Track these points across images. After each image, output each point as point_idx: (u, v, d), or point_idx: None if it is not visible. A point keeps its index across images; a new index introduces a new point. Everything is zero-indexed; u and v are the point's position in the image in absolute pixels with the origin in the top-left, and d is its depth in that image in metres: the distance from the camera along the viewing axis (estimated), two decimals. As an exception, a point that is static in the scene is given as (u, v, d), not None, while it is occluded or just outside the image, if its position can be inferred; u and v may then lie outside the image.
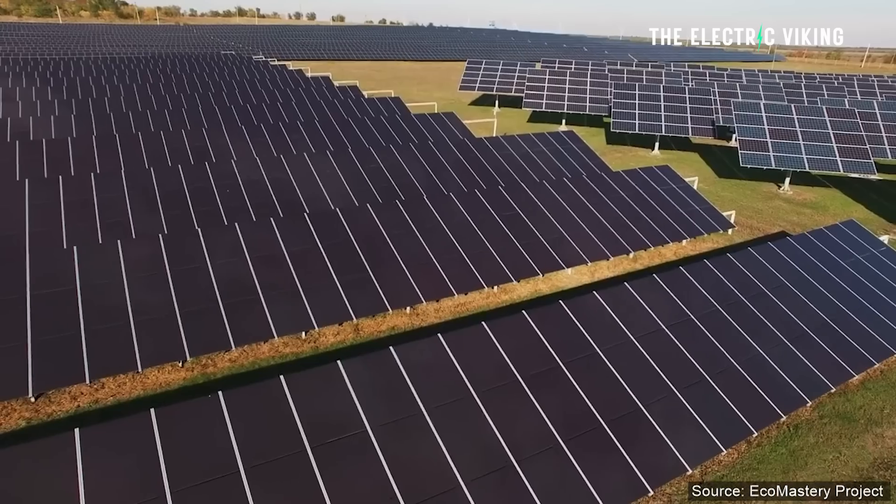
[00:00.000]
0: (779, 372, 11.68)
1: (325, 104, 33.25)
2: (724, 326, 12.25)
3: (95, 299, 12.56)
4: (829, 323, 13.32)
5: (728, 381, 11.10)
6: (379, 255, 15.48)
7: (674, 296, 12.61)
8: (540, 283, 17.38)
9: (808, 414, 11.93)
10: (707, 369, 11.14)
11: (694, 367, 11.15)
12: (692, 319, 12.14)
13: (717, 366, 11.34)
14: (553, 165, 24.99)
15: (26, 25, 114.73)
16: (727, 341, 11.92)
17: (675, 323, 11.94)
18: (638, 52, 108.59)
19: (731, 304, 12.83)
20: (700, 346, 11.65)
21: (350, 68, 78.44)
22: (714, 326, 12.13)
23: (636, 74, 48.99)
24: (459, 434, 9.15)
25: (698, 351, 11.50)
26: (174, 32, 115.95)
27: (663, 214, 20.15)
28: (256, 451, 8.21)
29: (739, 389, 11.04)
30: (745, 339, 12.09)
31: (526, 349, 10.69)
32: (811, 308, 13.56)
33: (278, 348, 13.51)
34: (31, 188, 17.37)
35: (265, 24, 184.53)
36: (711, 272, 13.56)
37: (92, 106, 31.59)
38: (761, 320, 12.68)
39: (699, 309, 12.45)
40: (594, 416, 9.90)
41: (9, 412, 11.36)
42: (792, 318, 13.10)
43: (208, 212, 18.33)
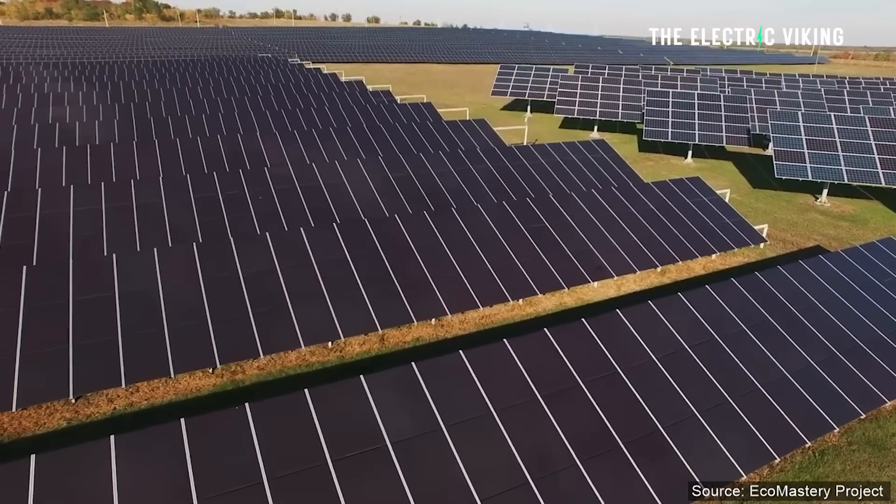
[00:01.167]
0: (805, 396, 11.51)
1: (358, 109, 33.70)
2: (749, 347, 12.11)
3: (132, 305, 13.08)
4: (861, 346, 13.04)
5: (751, 403, 10.99)
6: (405, 266, 15.71)
7: (698, 315, 12.52)
8: (565, 296, 17.39)
9: (835, 440, 11.73)
10: (730, 391, 11.05)
11: (716, 388, 11.07)
12: (716, 340, 12.04)
13: (740, 388, 11.23)
14: (583, 175, 24.90)
15: (75, 29, 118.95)
16: (752, 363, 11.79)
17: (698, 343, 11.86)
18: (674, 55, 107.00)
19: (757, 324, 12.68)
20: (723, 367, 11.55)
21: (384, 71, 79.15)
22: (739, 347, 12.00)
23: (670, 81, 48.35)
24: (478, 451, 9.29)
25: (721, 372, 11.41)
26: (213, 35, 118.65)
27: (693, 227, 19.93)
28: (280, 462, 8.49)
29: (763, 413, 10.91)
30: (770, 361, 11.93)
31: (546, 367, 10.77)
32: (842, 330, 13.29)
33: (305, 357, 13.85)
34: (76, 194, 18.11)
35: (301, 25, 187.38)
36: (738, 291, 13.40)
37: (134, 110, 32.70)
38: (789, 342, 12.50)
39: (724, 329, 12.33)
40: (612, 437, 9.92)
41: (51, 412, 11.94)
42: (821, 340, 12.87)
43: (240, 218, 18.83)
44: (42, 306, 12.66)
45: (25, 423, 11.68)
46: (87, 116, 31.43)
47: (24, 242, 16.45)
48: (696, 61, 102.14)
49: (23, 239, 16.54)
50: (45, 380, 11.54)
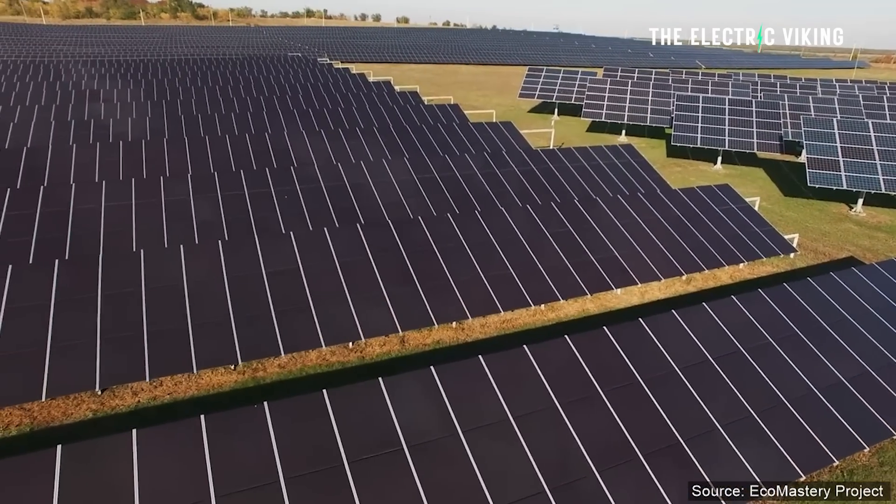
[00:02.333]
0: (834, 413, 11.19)
1: (385, 110, 33.85)
2: (776, 361, 11.83)
3: (158, 301, 13.31)
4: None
5: (776, 419, 10.73)
6: (428, 268, 15.71)
7: (723, 326, 12.27)
8: (588, 302, 17.22)
9: (865, 459, 11.39)
10: (754, 406, 10.80)
11: (740, 402, 10.83)
12: (741, 352, 11.78)
13: (765, 402, 10.97)
14: (609, 180, 24.64)
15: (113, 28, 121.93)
16: (778, 377, 11.50)
17: (722, 355, 11.62)
18: (706, 59, 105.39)
19: (785, 337, 12.37)
20: (748, 380, 11.29)
21: (412, 72, 79.42)
22: (765, 360, 11.73)
23: (701, 85, 47.60)
24: (495, 457, 9.23)
25: (746, 385, 11.16)
26: (245, 34, 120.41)
27: (720, 236, 19.56)
28: (297, 461, 8.53)
29: (788, 429, 10.64)
30: (798, 375, 11.64)
31: (566, 374, 10.66)
32: (875, 346, 12.89)
33: (326, 357, 13.94)
34: (108, 189, 18.51)
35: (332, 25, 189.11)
36: (766, 302, 13.10)
37: (165, 107, 33.32)
38: (818, 357, 12.17)
39: (750, 341, 12.06)
40: (631, 448, 9.78)
41: (78, 403, 12.22)
42: (853, 356, 12.50)
43: (266, 216, 19.04)
44: (72, 299, 12.96)
45: (54, 412, 11.97)
46: (120, 113, 32.14)
47: (57, 236, 16.87)
48: (728, 65, 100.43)
49: (56, 233, 16.96)
50: (73, 371, 11.81)
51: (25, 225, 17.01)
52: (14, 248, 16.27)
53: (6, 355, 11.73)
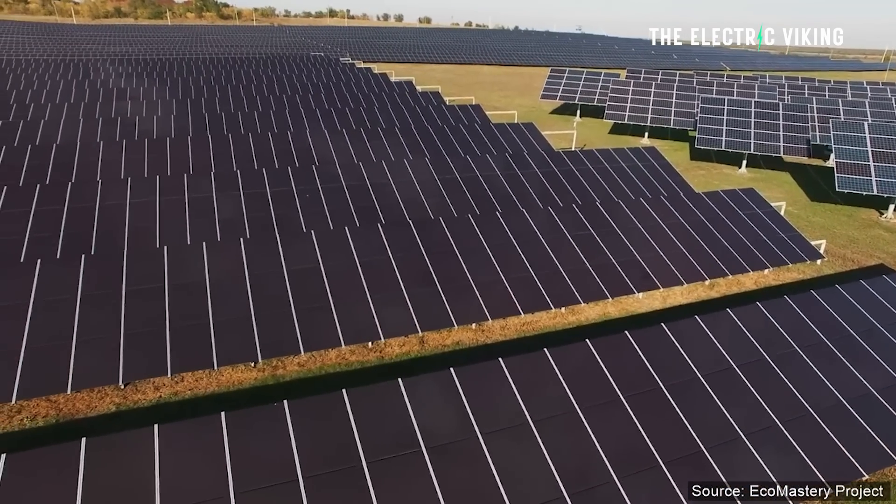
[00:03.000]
0: (863, 424, 10.92)
1: (407, 110, 33.90)
2: (802, 370, 11.58)
3: (180, 297, 13.46)
4: (925, 373, 12.29)
5: (803, 429, 10.50)
6: (448, 269, 15.67)
7: (748, 332, 12.05)
8: (609, 306, 17.04)
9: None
10: (779, 415, 10.58)
11: (765, 411, 10.62)
12: (766, 359, 11.55)
13: (791, 412, 10.74)
14: (631, 183, 24.38)
15: (140, 27, 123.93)
16: (805, 386, 11.26)
17: (746, 362, 11.41)
18: (731, 61, 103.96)
19: (811, 345, 12.11)
20: (773, 389, 11.07)
21: (433, 72, 79.47)
22: (791, 369, 11.49)
23: (726, 87, 46.92)
24: (514, 461, 9.16)
25: (771, 394, 10.94)
26: (268, 33, 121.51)
27: (745, 240, 19.23)
28: (315, 460, 8.55)
29: (815, 440, 10.41)
30: (825, 385, 11.38)
31: (587, 378, 10.54)
32: (905, 356, 12.56)
33: (345, 356, 13.97)
34: (133, 186, 18.77)
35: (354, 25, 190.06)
36: (792, 309, 12.84)
37: (190, 105, 33.72)
38: (846, 366, 11.89)
39: (775, 348, 11.82)
40: (652, 455, 9.63)
41: (102, 397, 12.40)
42: (883, 366, 12.19)
43: (287, 215, 19.16)
44: (97, 294, 13.16)
45: (79, 405, 12.16)
46: (146, 111, 32.60)
47: (83, 232, 17.15)
48: (754, 67, 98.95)
49: (83, 228, 17.24)
50: (98, 365, 11.98)
51: (54, 220, 17.32)
52: (42, 243, 16.58)
53: (34, 348, 11.95)
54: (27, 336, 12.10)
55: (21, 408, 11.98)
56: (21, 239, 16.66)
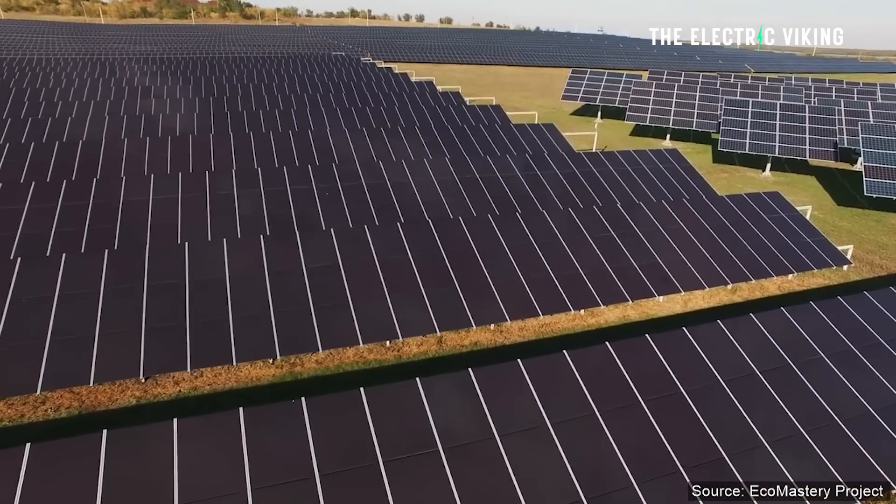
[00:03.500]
0: (892, 435, 10.64)
1: (427, 110, 33.91)
2: (828, 377, 11.32)
3: (201, 293, 13.57)
4: (956, 384, 11.95)
5: (827, 439, 10.26)
6: (467, 269, 15.61)
7: (771, 338, 11.82)
8: (629, 308, 16.86)
9: None
10: (804, 423, 10.35)
11: (789, 419, 10.40)
12: (790, 366, 11.32)
13: (816, 420, 10.50)
14: (653, 185, 24.11)
15: (165, 27, 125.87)
16: (831, 395, 11.01)
17: (770, 368, 11.19)
18: (756, 63, 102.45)
19: (838, 353, 11.83)
20: (798, 396, 10.84)
21: (454, 72, 79.47)
22: (816, 376, 11.24)
23: (750, 89, 46.22)
24: (531, 463, 9.08)
25: (795, 402, 10.71)
26: (290, 33, 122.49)
27: (768, 245, 18.90)
28: (332, 458, 8.54)
29: (840, 451, 10.16)
30: (852, 394, 11.11)
31: (606, 381, 10.42)
32: (935, 365, 12.23)
33: (363, 354, 13.99)
34: (156, 183, 19.00)
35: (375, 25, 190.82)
36: (817, 315, 12.57)
37: (212, 104, 34.07)
38: (874, 375, 11.60)
39: (800, 355, 11.58)
40: (672, 461, 9.48)
41: (123, 390, 12.56)
42: (910, 374, 11.88)
43: (307, 212, 19.25)
44: (119, 288, 13.33)
45: (101, 397, 12.34)
46: (170, 109, 33.00)
47: (107, 227, 17.39)
48: (779, 69, 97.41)
49: (107, 223, 17.49)
50: (119, 359, 12.12)
51: (79, 215, 17.60)
52: (68, 238, 16.85)
53: (59, 340, 12.12)
54: (52, 329, 12.29)
55: (46, 398, 12.20)
56: (48, 233, 16.95)
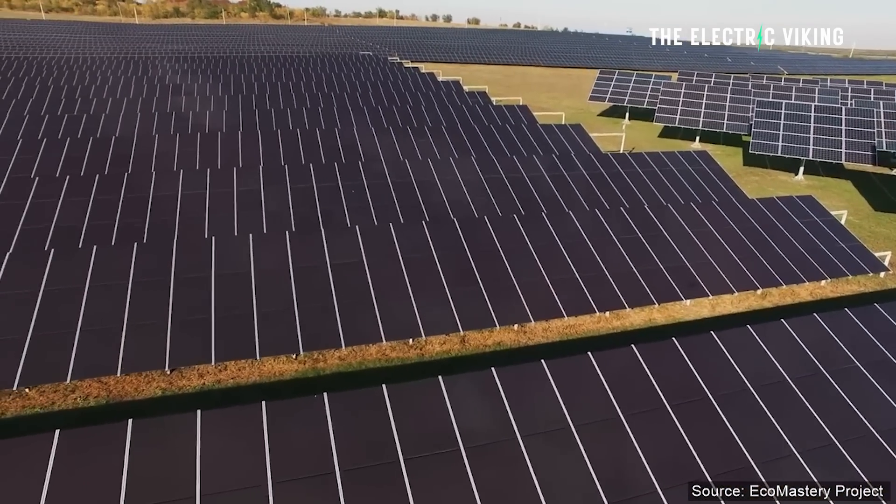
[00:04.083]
0: (927, 447, 10.26)
1: (454, 109, 33.87)
2: (863, 387, 10.95)
3: (226, 288, 13.70)
4: None
5: (863, 450, 9.92)
6: (491, 268, 15.51)
7: (803, 345, 11.49)
8: (655, 312, 16.59)
9: None
10: (837, 434, 10.03)
11: (821, 428, 10.09)
12: (823, 374, 10.99)
13: (850, 431, 10.17)
14: (681, 187, 23.71)
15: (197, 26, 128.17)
16: (866, 405, 10.64)
17: (802, 376, 10.87)
18: (788, 64, 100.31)
19: (874, 362, 11.45)
20: (831, 405, 10.51)
21: (481, 72, 79.31)
22: (850, 386, 10.89)
23: (784, 91, 45.23)
24: (553, 466, 8.95)
25: (828, 411, 10.39)
26: (319, 33, 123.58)
27: (801, 250, 18.42)
28: (353, 455, 8.52)
29: (878, 462, 9.82)
30: (889, 404, 10.73)
31: (631, 385, 10.23)
32: (976, 376, 11.76)
33: (385, 352, 13.99)
34: (184, 178, 19.27)
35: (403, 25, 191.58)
36: (852, 323, 12.18)
37: (241, 101, 34.52)
38: (911, 384, 11.20)
39: (834, 363, 11.23)
40: (698, 467, 9.26)
41: (149, 381, 12.74)
42: (950, 385, 11.44)
43: (333, 210, 19.33)
44: (147, 281, 13.52)
45: (127, 387, 12.54)
46: (200, 106, 33.51)
47: (137, 221, 17.69)
48: (814, 71, 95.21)
49: (136, 217, 17.79)
50: (146, 350, 12.30)
51: (110, 209, 17.93)
52: (99, 231, 17.18)
53: (88, 331, 12.35)
54: (82, 319, 12.52)
55: (75, 387, 12.44)
56: (80, 226, 17.31)
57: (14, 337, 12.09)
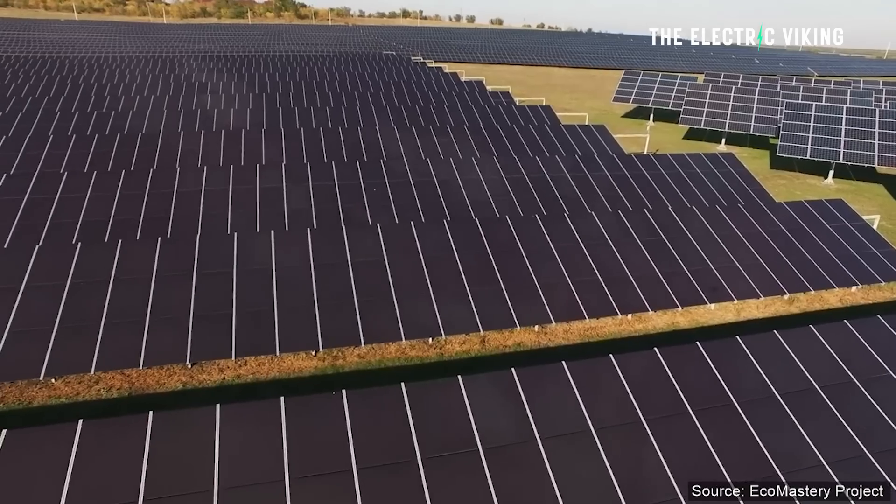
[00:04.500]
0: (963, 460, 9.91)
1: (476, 109, 33.77)
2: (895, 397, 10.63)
3: (247, 284, 13.78)
4: None
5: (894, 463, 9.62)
6: (512, 268, 15.39)
7: (833, 352, 11.17)
8: (678, 315, 16.32)
9: None
10: (869, 445, 9.73)
11: (851, 438, 9.80)
12: (854, 383, 10.68)
13: (881, 442, 9.86)
14: (706, 189, 23.32)
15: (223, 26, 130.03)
16: (898, 414, 10.33)
17: (831, 384, 10.57)
18: (819, 66, 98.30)
19: (907, 370, 11.10)
20: (862, 415, 10.20)
21: (504, 72, 79.07)
22: (883, 396, 10.55)
23: (814, 93, 44.31)
24: (573, 469, 8.81)
25: (860, 421, 10.08)
26: (343, 32, 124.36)
27: (830, 255, 17.98)
28: (370, 453, 8.48)
29: (909, 473, 9.51)
30: (921, 414, 10.40)
31: (653, 389, 10.04)
32: None
33: (405, 350, 13.95)
34: (208, 175, 19.47)
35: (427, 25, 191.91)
36: (885, 330, 11.82)
37: (265, 100, 34.83)
38: (945, 395, 10.83)
39: (865, 372, 10.90)
40: (722, 475, 9.05)
41: (170, 374, 12.87)
42: None
43: (354, 208, 19.37)
44: (170, 276, 13.66)
45: (149, 380, 12.68)
46: (224, 104, 33.89)
47: (161, 216, 17.91)
48: (845, 72, 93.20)
49: (161, 213, 18.00)
50: (168, 344, 12.42)
51: (135, 204, 18.18)
52: (124, 225, 17.43)
53: (112, 323, 12.51)
54: (106, 312, 12.69)
55: (99, 379, 12.61)
56: (106, 220, 17.57)
57: (42, 328, 12.30)
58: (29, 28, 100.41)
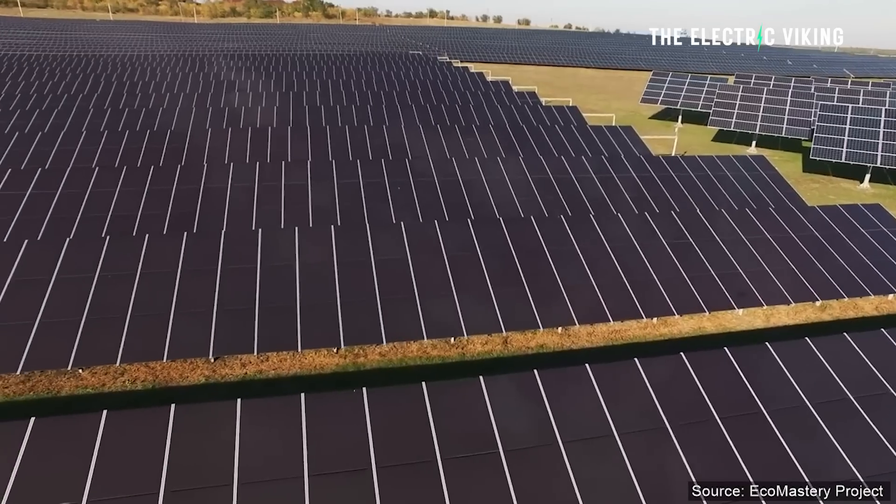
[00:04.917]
0: None
1: (502, 109, 33.61)
2: (933, 408, 10.24)
3: (271, 280, 13.85)
4: None
5: (931, 475, 9.25)
6: (536, 269, 15.23)
7: (868, 362, 10.81)
8: (705, 320, 15.99)
9: None
10: (904, 457, 9.39)
11: (889, 452, 9.46)
12: (892, 394, 10.31)
13: (917, 454, 9.51)
14: (736, 192, 22.84)
15: (252, 25, 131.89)
16: (936, 427, 9.94)
17: (866, 395, 10.23)
18: (855, 67, 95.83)
19: (946, 382, 10.69)
20: (897, 426, 9.85)
21: (530, 73, 78.69)
22: (920, 406, 10.19)
23: (850, 95, 43.17)
24: (595, 474, 8.65)
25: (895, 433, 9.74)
26: (370, 32, 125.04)
27: (866, 261, 17.44)
28: (390, 451, 8.43)
29: (946, 489, 9.14)
30: (961, 428, 10.00)
31: (679, 394, 9.82)
32: None
33: (426, 349, 13.89)
34: (234, 171, 19.66)
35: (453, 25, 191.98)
36: (924, 340, 11.41)
37: (292, 98, 35.12)
38: None
39: (902, 382, 10.53)
40: (748, 485, 8.79)
41: (193, 368, 12.99)
42: None
43: (378, 206, 19.38)
44: (195, 270, 13.79)
45: (173, 373, 12.82)
46: (252, 102, 34.25)
47: (188, 211, 18.13)
48: (884, 74, 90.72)
49: (188, 208, 18.23)
50: (192, 338, 12.53)
51: (163, 199, 18.43)
52: (152, 220, 17.68)
53: (138, 316, 12.67)
54: (132, 305, 12.86)
55: (124, 370, 12.79)
56: (135, 215, 17.84)
57: (70, 319, 12.51)
58: (66, 28, 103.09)
